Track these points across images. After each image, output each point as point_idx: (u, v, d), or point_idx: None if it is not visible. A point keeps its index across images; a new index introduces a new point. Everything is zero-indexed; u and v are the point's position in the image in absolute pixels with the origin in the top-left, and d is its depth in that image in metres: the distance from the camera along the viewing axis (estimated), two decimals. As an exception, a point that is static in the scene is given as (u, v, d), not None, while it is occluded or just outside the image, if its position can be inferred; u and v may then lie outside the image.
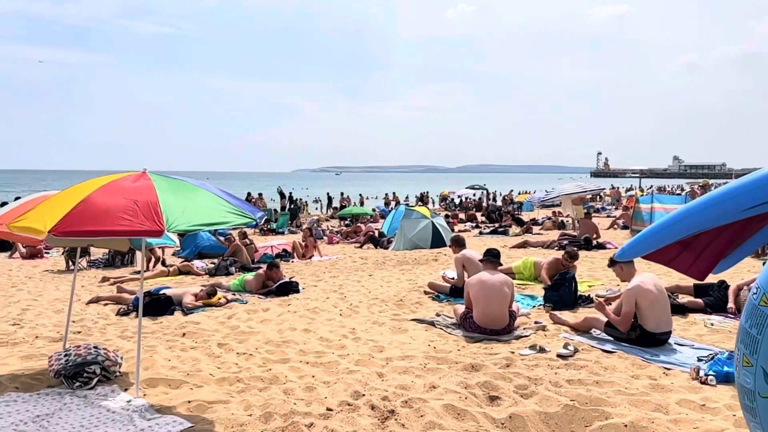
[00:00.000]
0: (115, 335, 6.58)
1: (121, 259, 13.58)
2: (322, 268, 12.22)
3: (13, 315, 7.81)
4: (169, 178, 4.61)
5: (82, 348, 5.00)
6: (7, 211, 4.93)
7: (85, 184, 4.37)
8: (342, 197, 37.78)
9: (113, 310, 8.00)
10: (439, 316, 6.97)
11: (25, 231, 3.91)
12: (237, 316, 7.41)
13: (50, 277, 11.97)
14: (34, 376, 5.07)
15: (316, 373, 5.09)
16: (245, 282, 9.34)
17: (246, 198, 27.79)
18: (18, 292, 9.89)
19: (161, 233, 3.80)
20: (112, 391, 4.68)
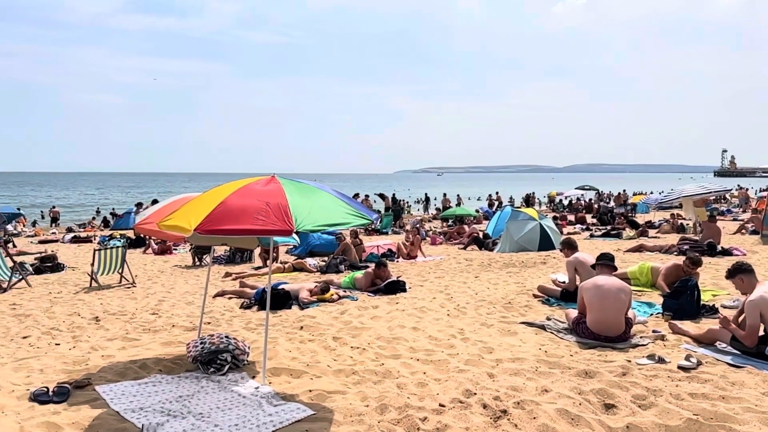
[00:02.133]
0: (240, 326, 7.12)
1: (240, 256, 14.55)
2: (426, 268, 12.37)
3: (151, 305, 8.67)
4: (295, 182, 4.96)
5: (216, 337, 5.49)
6: (154, 211, 5.53)
7: (222, 187, 4.82)
8: (444, 198, 37.77)
9: (237, 303, 8.63)
10: (549, 321, 6.87)
11: (172, 229, 4.40)
12: (349, 312, 7.73)
13: (179, 271, 13.08)
14: (174, 360, 5.63)
15: (427, 370, 5.23)
16: (355, 280, 9.70)
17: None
18: (153, 285, 10.93)
19: (291, 233, 4.12)
20: (242, 378, 5.10)
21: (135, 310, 8.30)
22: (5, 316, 8.01)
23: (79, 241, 21.53)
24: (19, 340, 6.63)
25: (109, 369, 5.36)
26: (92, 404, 4.47)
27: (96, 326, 7.29)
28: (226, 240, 6.22)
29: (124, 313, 8.05)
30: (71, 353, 5.97)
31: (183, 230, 4.25)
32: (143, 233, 6.36)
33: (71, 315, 7.99)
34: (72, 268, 13.76)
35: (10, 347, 6.30)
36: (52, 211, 33.36)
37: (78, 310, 8.31)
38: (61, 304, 8.86)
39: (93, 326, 7.29)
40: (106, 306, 8.67)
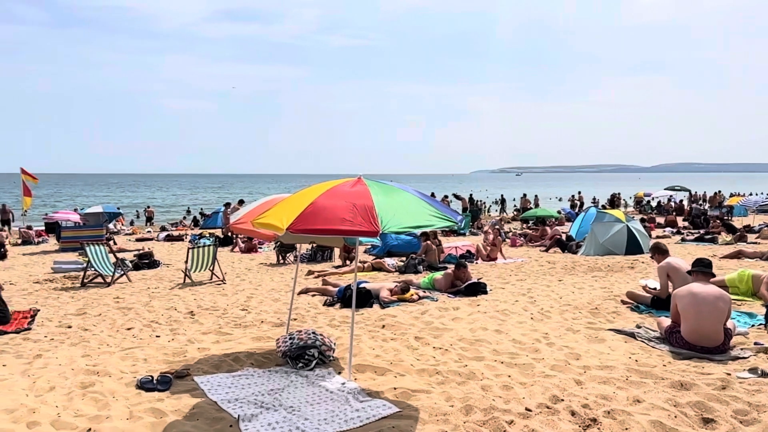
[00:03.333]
0: (324, 323, 7.32)
1: (321, 254, 14.94)
2: (507, 270, 12.18)
3: (241, 302, 9.08)
4: (380, 183, 5.05)
5: (303, 333, 5.69)
6: (248, 211, 5.82)
7: (311, 189, 5.00)
8: (523, 198, 36.98)
9: (320, 300, 8.88)
10: (640, 328, 6.59)
11: (266, 227, 4.61)
12: (429, 312, 7.77)
13: (265, 269, 13.59)
14: (264, 354, 5.89)
15: (512, 373, 5.18)
16: (434, 280, 9.72)
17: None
18: (241, 282, 11.43)
19: (377, 234, 4.21)
20: (329, 374, 5.25)
21: (226, 305, 8.73)
22: (111, 308, 8.64)
23: (172, 239, 22.81)
24: (123, 331, 7.15)
25: (205, 361, 5.68)
26: (192, 393, 4.77)
27: (191, 320, 7.72)
28: (314, 239, 6.41)
29: (216, 309, 8.48)
30: (170, 345, 6.38)
31: (276, 229, 4.44)
32: (238, 232, 6.69)
33: (168, 309, 8.51)
34: (167, 264, 14.62)
35: (116, 338, 6.80)
36: (147, 210, 35.56)
37: (174, 305, 8.84)
38: (158, 299, 9.46)
39: (188, 320, 7.73)
40: (199, 301, 9.17)
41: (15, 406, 4.47)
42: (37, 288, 10.97)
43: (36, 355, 5.99)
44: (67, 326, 7.41)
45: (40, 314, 8.19)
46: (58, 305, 9.02)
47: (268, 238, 5.82)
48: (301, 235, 5.11)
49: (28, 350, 6.20)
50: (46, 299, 9.65)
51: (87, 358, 5.85)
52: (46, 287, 11.05)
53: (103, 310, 8.46)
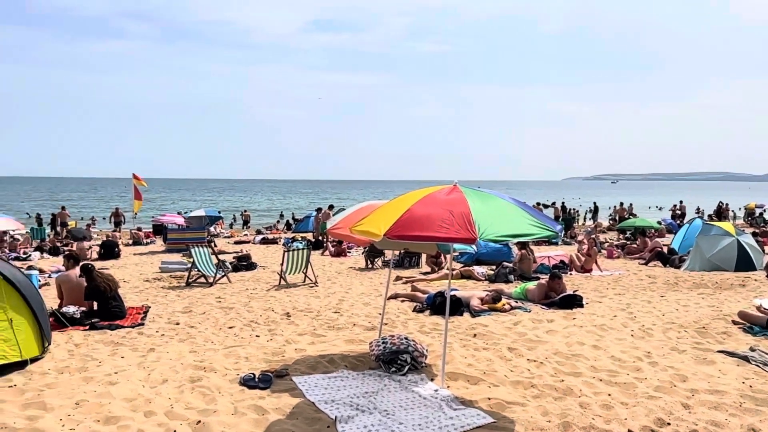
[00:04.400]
0: (415, 329, 7.36)
1: (409, 260, 15.01)
2: (604, 283, 11.68)
3: (333, 304, 9.32)
4: (476, 191, 5.03)
5: (396, 338, 5.76)
6: (344, 217, 5.99)
7: (407, 196, 5.06)
8: (620, 207, 35.28)
9: (410, 306, 8.93)
10: (754, 351, 6.11)
11: (364, 234, 4.72)
12: (522, 323, 7.60)
13: (354, 273, 13.85)
14: (358, 357, 6.01)
15: (612, 392, 4.97)
16: (527, 291, 9.50)
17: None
18: (333, 285, 11.72)
19: (474, 241, 4.20)
20: (421, 380, 5.28)
21: (319, 308, 8.99)
22: (213, 308, 9.15)
23: (267, 242, 23.78)
24: (226, 329, 7.55)
25: (302, 361, 5.88)
26: (291, 393, 4.95)
27: (287, 321, 8.02)
28: (409, 245, 6.48)
29: (310, 311, 8.76)
30: (269, 345, 6.66)
31: (374, 235, 4.53)
32: (335, 237, 6.91)
33: (266, 310, 8.88)
34: (263, 266, 15.25)
35: (220, 335, 7.19)
36: (244, 214, 37.29)
37: (271, 306, 9.22)
38: (256, 300, 9.90)
39: (285, 321, 8.03)
40: (294, 303, 9.51)
41: (134, 395, 4.85)
42: (147, 286, 11.80)
43: (149, 349, 6.46)
44: (175, 323, 7.93)
45: (150, 311, 8.82)
46: (166, 303, 9.67)
47: (364, 243, 5.95)
48: (397, 242, 5.18)
49: (142, 344, 6.69)
50: (156, 297, 10.36)
51: (194, 354, 6.23)
52: (155, 285, 11.86)
53: (206, 309, 8.98)
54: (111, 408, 4.54)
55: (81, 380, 5.27)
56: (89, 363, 5.86)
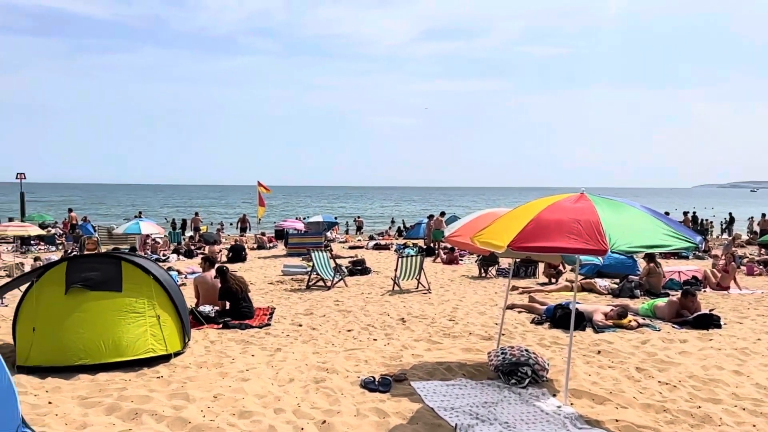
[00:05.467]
0: (534, 341, 7.16)
1: (525, 270, 14.62)
2: (744, 303, 10.64)
3: (447, 312, 9.31)
4: (606, 199, 4.81)
5: (516, 349, 5.64)
6: (463, 224, 5.97)
7: (531, 204, 4.95)
8: (763, 219, 31.97)
9: (527, 317, 8.70)
10: None
11: (486, 245, 4.68)
12: (651, 342, 7.13)
13: (467, 281, 13.73)
14: (475, 366, 5.96)
15: (757, 423, 4.53)
16: (656, 307, 8.89)
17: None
18: (446, 293, 11.70)
19: (605, 253, 4.02)
20: (543, 394, 5.12)
21: (434, 315, 9.02)
22: (332, 310, 9.49)
23: (380, 248, 24.25)
24: (345, 332, 7.80)
25: (420, 367, 5.93)
26: (410, 398, 5.02)
27: (403, 327, 8.13)
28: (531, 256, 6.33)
29: (425, 317, 8.81)
30: (387, 349, 6.79)
31: (496, 247, 4.48)
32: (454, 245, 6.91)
33: (382, 314, 9.06)
34: (376, 272, 15.56)
35: (339, 338, 7.44)
36: (357, 220, 38.33)
37: (387, 311, 9.39)
38: (372, 304, 10.13)
39: (400, 326, 8.15)
40: (408, 309, 9.61)
41: (264, 392, 5.15)
42: (271, 288, 12.48)
43: (276, 348, 6.83)
44: (298, 324, 8.32)
45: (275, 312, 9.32)
46: (289, 305, 10.17)
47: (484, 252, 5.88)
48: (520, 252, 5.07)
49: (270, 344, 7.09)
50: (279, 298, 10.93)
51: (317, 356, 6.50)
52: (278, 288, 12.51)
53: (326, 312, 9.33)
54: (245, 403, 4.85)
55: (217, 375, 5.69)
56: (224, 359, 6.31)
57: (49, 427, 4.23)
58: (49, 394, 5.05)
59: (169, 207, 71.38)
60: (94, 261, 6.31)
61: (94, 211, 57.57)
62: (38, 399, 4.90)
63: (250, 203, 58.64)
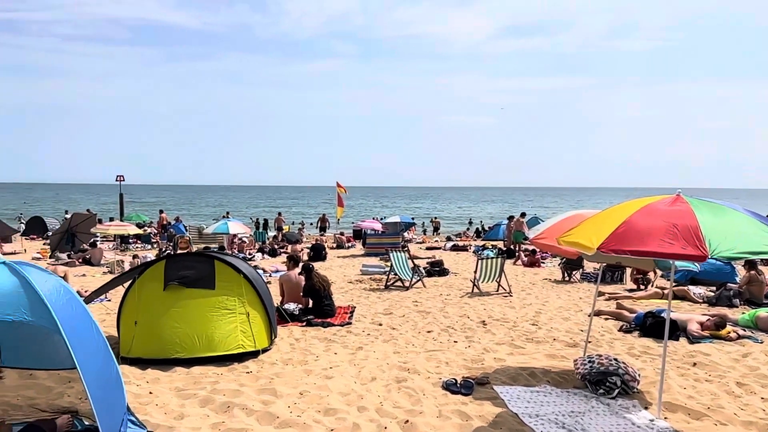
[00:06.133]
0: (623, 350, 6.86)
1: (611, 275, 14.03)
2: None
3: (529, 316, 9.10)
4: (705, 201, 4.53)
5: (604, 358, 5.42)
6: (549, 226, 5.82)
7: (623, 206, 4.74)
8: None
9: (615, 325, 8.35)
10: None
11: (573, 245, 4.54)
12: (753, 355, 6.65)
13: (550, 285, 13.35)
14: (560, 374, 5.79)
15: None
16: (758, 318, 8.27)
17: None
18: (527, 296, 11.44)
19: (705, 259, 3.79)
20: (633, 406, 4.90)
21: (515, 318, 8.84)
22: (411, 311, 9.52)
23: (457, 249, 24.06)
24: (425, 333, 7.80)
25: (502, 371, 5.84)
26: (493, 402, 4.95)
27: (483, 329, 8.03)
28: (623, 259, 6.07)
29: (506, 320, 8.66)
30: (468, 351, 6.73)
31: (585, 248, 4.33)
32: (539, 247, 6.76)
33: (461, 317, 9.00)
34: (455, 273, 15.45)
35: (419, 339, 7.46)
36: (434, 221, 38.22)
37: (466, 313, 9.31)
38: (451, 306, 10.07)
39: (481, 329, 8.05)
40: (489, 311, 9.48)
41: (347, 390, 5.26)
42: (350, 287, 12.69)
43: (358, 347, 6.95)
44: (378, 324, 8.41)
45: (356, 311, 9.47)
46: (368, 304, 10.30)
47: (571, 255, 5.66)
48: (610, 255, 4.87)
49: (351, 342, 7.22)
50: (359, 297, 11.10)
51: (398, 355, 6.55)
52: (358, 287, 12.70)
53: (405, 312, 9.37)
54: (329, 400, 4.97)
55: (303, 372, 5.86)
56: (308, 357, 6.50)
57: (150, 416, 4.52)
58: (150, 385, 5.39)
59: (254, 207, 74.17)
60: (190, 260, 6.67)
61: (186, 211, 60.83)
62: (140, 389, 5.25)
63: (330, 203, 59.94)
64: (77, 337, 3.49)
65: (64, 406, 4.45)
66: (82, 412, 4.30)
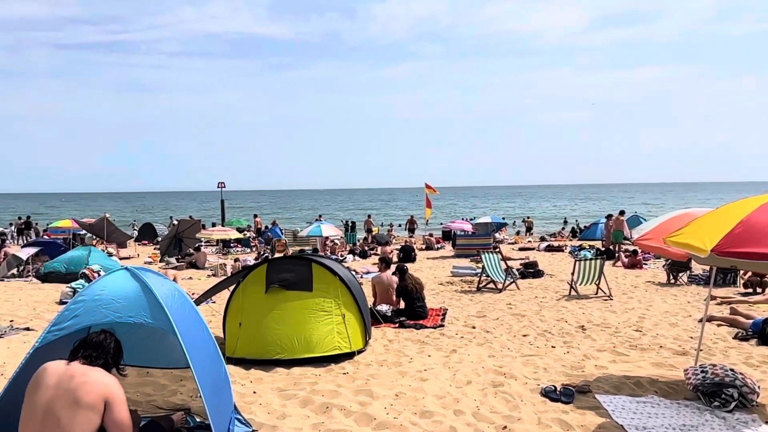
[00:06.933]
0: (738, 360, 6.36)
1: (723, 278, 13.03)
2: None
3: (632, 321, 8.64)
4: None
5: (718, 368, 5.05)
6: (655, 226, 5.50)
7: (739, 203, 4.40)
8: None
9: (729, 332, 7.74)
10: None
11: (683, 246, 4.26)
12: None
13: (653, 288, 12.61)
14: (669, 384, 5.46)
15: None
16: None
17: None
18: (629, 300, 10.86)
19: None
20: (753, 421, 4.54)
21: (617, 323, 8.43)
22: (506, 314, 9.34)
23: (552, 249, 23.31)
24: (520, 337, 7.63)
25: (605, 380, 5.59)
26: (596, 411, 4.75)
27: (583, 335, 7.72)
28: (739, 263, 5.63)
29: (607, 326, 8.28)
30: (567, 357, 6.50)
31: (696, 249, 4.05)
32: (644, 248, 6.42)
33: (559, 321, 8.70)
34: (550, 275, 14.98)
35: (515, 342, 7.31)
36: (527, 221, 37.29)
37: (564, 317, 9.00)
38: (547, 309, 9.77)
39: (580, 334, 7.75)
40: (588, 316, 9.10)
41: (443, 393, 5.24)
42: (441, 289, 12.65)
43: (451, 350, 6.91)
44: (471, 326, 8.32)
45: (448, 313, 9.42)
46: (460, 306, 10.22)
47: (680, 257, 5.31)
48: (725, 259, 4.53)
49: (445, 345, 7.20)
50: (450, 299, 11.03)
51: (493, 359, 6.45)
52: (449, 289, 12.64)
53: (499, 315, 9.21)
54: (425, 403, 4.98)
55: (397, 374, 5.91)
56: (402, 358, 6.55)
57: (255, 415, 4.73)
58: (253, 384, 5.65)
59: (345, 210, 75.79)
60: (289, 263, 6.92)
61: (281, 215, 63.25)
62: (244, 388, 5.51)
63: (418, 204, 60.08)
64: (190, 338, 3.73)
65: (177, 404, 4.76)
66: (194, 410, 4.58)
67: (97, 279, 3.99)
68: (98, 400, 3.20)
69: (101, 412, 3.21)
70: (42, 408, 3.16)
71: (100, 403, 3.21)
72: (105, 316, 3.65)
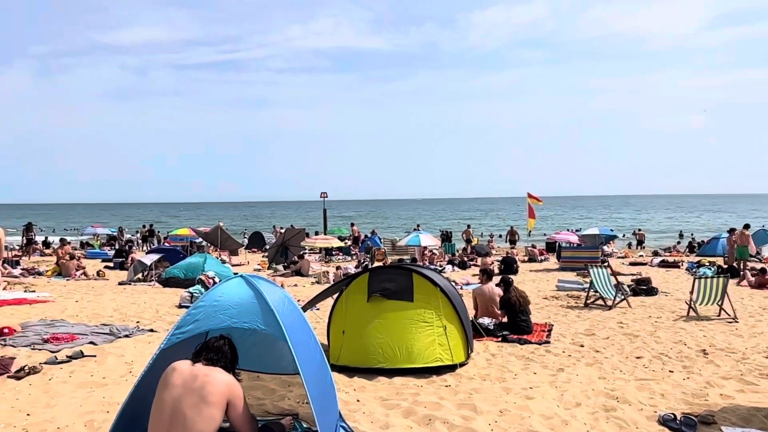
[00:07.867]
0: None
1: None
2: None
3: (762, 347, 7.87)
4: None
5: None
6: None
7: None
8: None
9: None
10: None
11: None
12: None
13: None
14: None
15: None
16: None
17: None
18: (758, 323, 9.91)
19: None
20: None
21: (744, 349, 7.70)
22: (617, 333, 8.83)
23: (667, 265, 21.81)
24: (633, 359, 7.17)
25: (731, 411, 5.12)
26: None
27: (704, 360, 7.13)
28: None
29: (732, 351, 7.59)
30: (686, 384, 6.03)
31: None
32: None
33: (677, 343, 8.09)
34: (665, 293, 13.99)
35: (627, 365, 6.88)
36: (638, 233, 35.13)
37: (682, 339, 8.36)
38: (663, 330, 9.12)
39: (701, 359, 7.16)
40: (710, 339, 8.39)
41: (550, 413, 5.03)
42: (546, 303, 12.20)
43: (558, 368, 6.64)
44: (579, 345, 7.95)
45: (554, 329, 9.06)
46: (567, 322, 9.80)
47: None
48: None
49: (551, 362, 6.92)
50: (556, 315, 10.62)
51: (603, 381, 6.12)
52: (554, 303, 12.17)
53: (609, 334, 8.73)
54: (531, 422, 4.81)
55: (501, 390, 5.76)
56: (506, 374, 6.38)
57: (359, 424, 4.79)
58: (357, 393, 5.73)
59: (443, 220, 75.49)
60: (390, 272, 6.99)
61: (380, 224, 64.18)
62: (348, 396, 5.60)
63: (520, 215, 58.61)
64: (300, 345, 3.85)
65: (286, 409, 4.94)
66: (302, 416, 4.72)
67: (215, 286, 4.23)
68: (222, 398, 3.40)
69: (224, 410, 3.42)
70: (170, 405, 3.39)
71: (223, 402, 3.41)
72: (222, 321, 3.86)
